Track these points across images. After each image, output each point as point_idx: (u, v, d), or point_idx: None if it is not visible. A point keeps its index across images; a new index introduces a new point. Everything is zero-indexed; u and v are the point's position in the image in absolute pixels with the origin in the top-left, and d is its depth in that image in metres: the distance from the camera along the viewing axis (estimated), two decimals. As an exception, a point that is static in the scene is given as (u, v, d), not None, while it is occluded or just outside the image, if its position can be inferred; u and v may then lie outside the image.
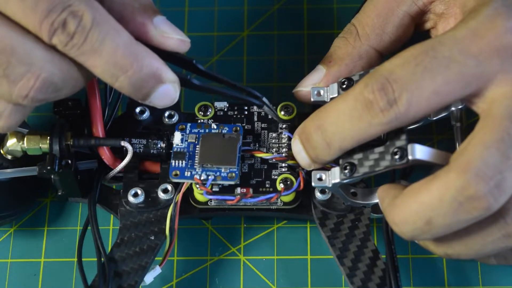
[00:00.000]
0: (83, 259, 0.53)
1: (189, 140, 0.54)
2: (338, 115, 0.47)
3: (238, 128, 0.54)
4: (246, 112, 0.56)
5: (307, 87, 0.53)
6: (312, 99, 0.52)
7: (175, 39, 0.49)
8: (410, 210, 0.46)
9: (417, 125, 0.51)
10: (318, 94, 0.52)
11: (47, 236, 0.58)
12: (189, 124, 0.55)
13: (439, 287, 0.55)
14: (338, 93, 0.52)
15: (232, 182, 0.52)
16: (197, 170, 0.53)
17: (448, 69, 0.45)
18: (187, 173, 0.53)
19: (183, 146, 0.54)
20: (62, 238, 0.58)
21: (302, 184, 0.53)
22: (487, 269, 0.56)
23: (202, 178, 0.52)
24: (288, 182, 0.53)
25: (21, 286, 0.56)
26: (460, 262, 0.56)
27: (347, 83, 0.51)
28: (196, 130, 0.55)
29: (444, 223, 0.45)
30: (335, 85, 0.52)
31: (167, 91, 0.48)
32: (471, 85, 0.45)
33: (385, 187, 0.49)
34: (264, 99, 0.53)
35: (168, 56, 0.49)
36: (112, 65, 0.46)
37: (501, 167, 0.44)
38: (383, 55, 0.54)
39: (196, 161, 0.53)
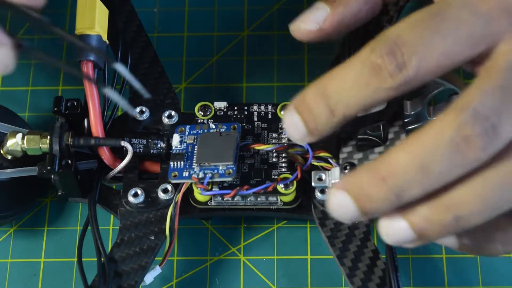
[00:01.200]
0: (83, 259, 0.53)
1: (187, 142, 0.54)
2: (344, 81, 0.45)
3: (236, 126, 0.54)
4: (246, 112, 0.56)
5: (309, 25, 0.52)
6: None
7: None
8: (402, 159, 0.43)
9: (418, 124, 0.51)
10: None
11: (47, 236, 0.58)
12: (188, 126, 0.55)
13: (439, 287, 0.55)
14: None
15: (229, 179, 0.52)
16: (195, 169, 0.53)
17: (458, 29, 0.44)
18: (185, 173, 0.53)
19: (181, 148, 0.54)
20: (62, 238, 0.58)
21: (299, 174, 0.53)
22: (487, 269, 0.56)
23: (200, 176, 0.52)
24: (288, 182, 0.53)
25: (21, 286, 0.56)
26: (460, 262, 0.56)
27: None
28: (194, 131, 0.55)
29: (439, 168, 0.43)
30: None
31: None
32: (480, 45, 0.45)
33: (345, 176, 0.48)
34: (120, 68, 0.48)
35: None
36: None
37: (498, 110, 0.43)
38: (387, 5, 0.53)
39: (194, 161, 0.53)
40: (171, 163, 0.53)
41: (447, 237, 0.47)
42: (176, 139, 0.54)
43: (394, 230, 0.45)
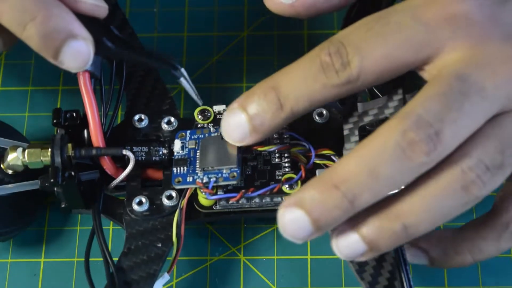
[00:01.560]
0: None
1: (189, 147, 0.54)
2: (294, 75, 0.47)
3: (237, 128, 0.54)
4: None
5: None
6: None
7: (87, 3, 0.48)
8: (353, 165, 0.44)
9: None
10: None
11: (47, 236, 0.58)
12: (188, 131, 0.55)
13: (439, 287, 0.56)
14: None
15: (234, 182, 0.52)
16: (199, 174, 0.53)
17: (399, 34, 0.46)
18: (189, 179, 0.53)
19: (183, 153, 0.54)
20: (62, 238, 0.58)
21: (303, 174, 0.53)
22: (487, 269, 0.56)
23: (204, 181, 0.52)
24: (293, 182, 0.53)
25: (21, 286, 0.56)
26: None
27: None
28: (195, 136, 0.54)
29: (387, 173, 0.44)
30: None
31: (79, 47, 0.47)
32: (422, 52, 0.46)
33: (293, 194, 0.48)
34: (183, 71, 0.51)
35: (87, 21, 0.48)
36: (19, 11, 0.45)
37: (442, 117, 0.44)
38: None
39: (197, 166, 0.53)
40: (174, 168, 0.53)
41: (413, 255, 0.50)
42: (177, 144, 0.54)
43: (346, 244, 0.46)
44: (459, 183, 0.45)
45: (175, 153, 0.54)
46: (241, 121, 0.48)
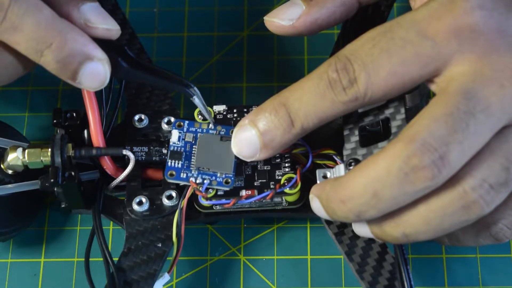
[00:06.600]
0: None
1: (186, 140, 0.54)
2: (303, 92, 0.47)
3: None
4: (245, 115, 0.56)
5: (282, 20, 0.52)
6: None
7: (99, 29, 0.48)
8: (357, 184, 0.46)
9: None
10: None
11: (47, 236, 0.58)
12: (186, 122, 0.55)
13: (439, 287, 0.56)
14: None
15: (227, 188, 0.52)
16: (193, 172, 0.53)
17: (404, 50, 0.46)
18: (183, 175, 0.53)
19: (180, 145, 0.54)
20: (62, 238, 0.58)
21: (299, 178, 0.52)
22: (487, 269, 0.56)
23: (197, 181, 0.52)
24: (287, 188, 0.53)
25: (21, 286, 0.56)
26: (460, 262, 0.56)
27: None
28: (193, 129, 0.54)
29: (390, 195, 0.45)
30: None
31: (96, 69, 0.47)
32: (428, 66, 0.46)
33: (318, 183, 0.50)
34: (195, 89, 0.52)
35: (101, 42, 0.48)
36: (35, 40, 0.46)
37: (447, 139, 0.44)
38: (362, 5, 0.53)
39: (192, 163, 0.53)
40: (169, 161, 0.53)
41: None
42: (175, 134, 0.54)
43: (359, 230, 0.50)
44: (461, 203, 0.45)
45: (171, 143, 0.54)
46: (252, 137, 0.49)
